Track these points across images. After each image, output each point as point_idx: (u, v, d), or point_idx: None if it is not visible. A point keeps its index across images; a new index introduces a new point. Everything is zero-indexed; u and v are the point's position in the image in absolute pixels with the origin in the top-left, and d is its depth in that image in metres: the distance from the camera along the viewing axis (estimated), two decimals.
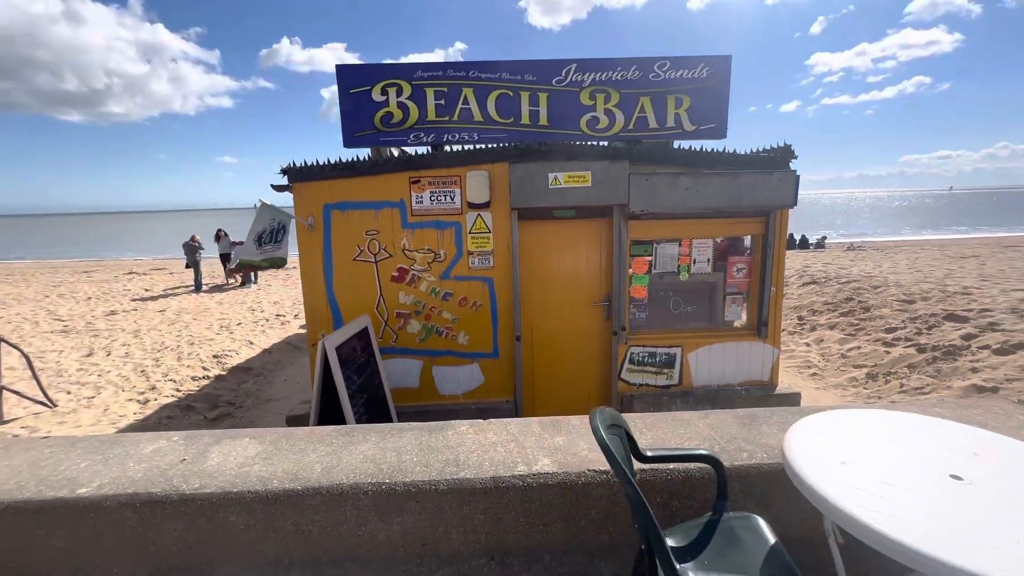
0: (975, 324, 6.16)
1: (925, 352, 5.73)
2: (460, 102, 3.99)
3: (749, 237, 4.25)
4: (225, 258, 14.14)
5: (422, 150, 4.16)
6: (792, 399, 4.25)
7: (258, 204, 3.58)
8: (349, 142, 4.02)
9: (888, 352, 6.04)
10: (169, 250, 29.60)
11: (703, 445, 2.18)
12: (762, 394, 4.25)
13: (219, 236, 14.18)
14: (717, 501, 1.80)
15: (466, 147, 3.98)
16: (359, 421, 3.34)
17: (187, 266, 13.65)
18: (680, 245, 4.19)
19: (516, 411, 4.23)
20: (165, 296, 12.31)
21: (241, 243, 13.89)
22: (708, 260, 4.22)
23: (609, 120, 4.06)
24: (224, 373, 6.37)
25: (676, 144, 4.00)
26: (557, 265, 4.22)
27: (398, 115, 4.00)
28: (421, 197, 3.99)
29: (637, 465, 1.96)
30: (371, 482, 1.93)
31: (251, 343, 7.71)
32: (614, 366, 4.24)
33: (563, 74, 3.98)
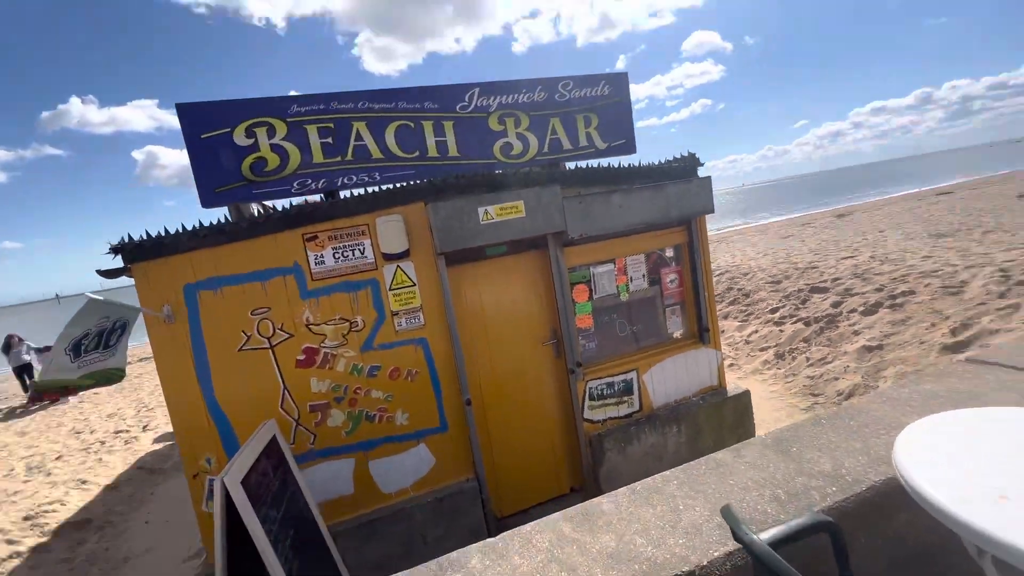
0: (835, 292, 7.14)
1: (811, 325, 6.42)
2: (353, 138, 3.34)
3: (673, 248, 4.24)
4: (22, 371, 10.82)
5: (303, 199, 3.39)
6: (744, 399, 4.28)
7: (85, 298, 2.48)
8: (209, 200, 3.09)
9: (782, 331, 6.66)
10: None
11: (764, 494, 1.85)
12: (717, 400, 4.21)
13: (10, 343, 10.83)
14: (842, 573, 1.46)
15: (369, 189, 3.33)
16: (290, 571, 2.40)
17: None
18: (615, 265, 4.01)
19: (480, 489, 3.56)
20: None
21: (47, 349, 10.77)
22: (643, 276, 4.11)
23: (523, 145, 3.77)
24: (46, 539, 4.53)
25: (595, 163, 3.85)
26: (496, 309, 3.73)
27: (274, 161, 3.20)
28: (322, 256, 3.20)
29: (728, 548, 1.56)
30: None
31: (83, 482, 5.72)
32: (576, 406, 3.85)
33: (467, 99, 3.59)
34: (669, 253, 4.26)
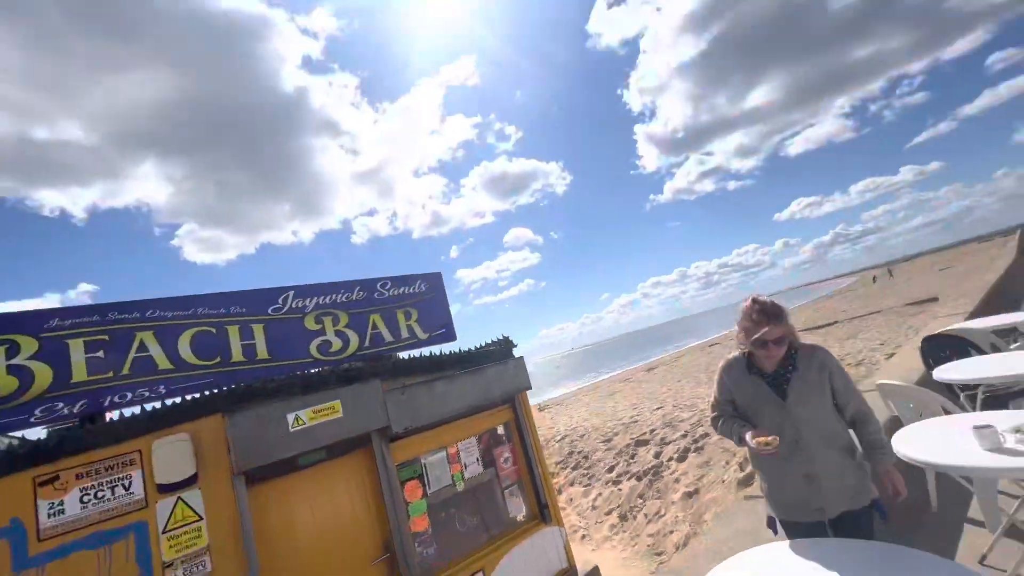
0: (655, 443, 7.95)
1: (642, 479, 6.88)
2: (133, 350, 2.94)
3: (502, 426, 4.38)
4: None
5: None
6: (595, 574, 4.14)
7: None
8: None
9: (620, 489, 6.96)
10: None
11: None
12: None
13: None
14: None
15: (149, 406, 2.84)
16: None
17: None
18: (447, 452, 3.91)
19: None
20: None
21: None
22: (477, 459, 4.06)
23: (343, 342, 3.77)
24: None
25: (418, 352, 4.00)
26: (314, 529, 3.18)
27: (9, 385, 2.58)
28: (61, 504, 2.45)
29: None
30: None
31: None
32: None
33: (280, 302, 3.57)
34: (500, 431, 4.36)
